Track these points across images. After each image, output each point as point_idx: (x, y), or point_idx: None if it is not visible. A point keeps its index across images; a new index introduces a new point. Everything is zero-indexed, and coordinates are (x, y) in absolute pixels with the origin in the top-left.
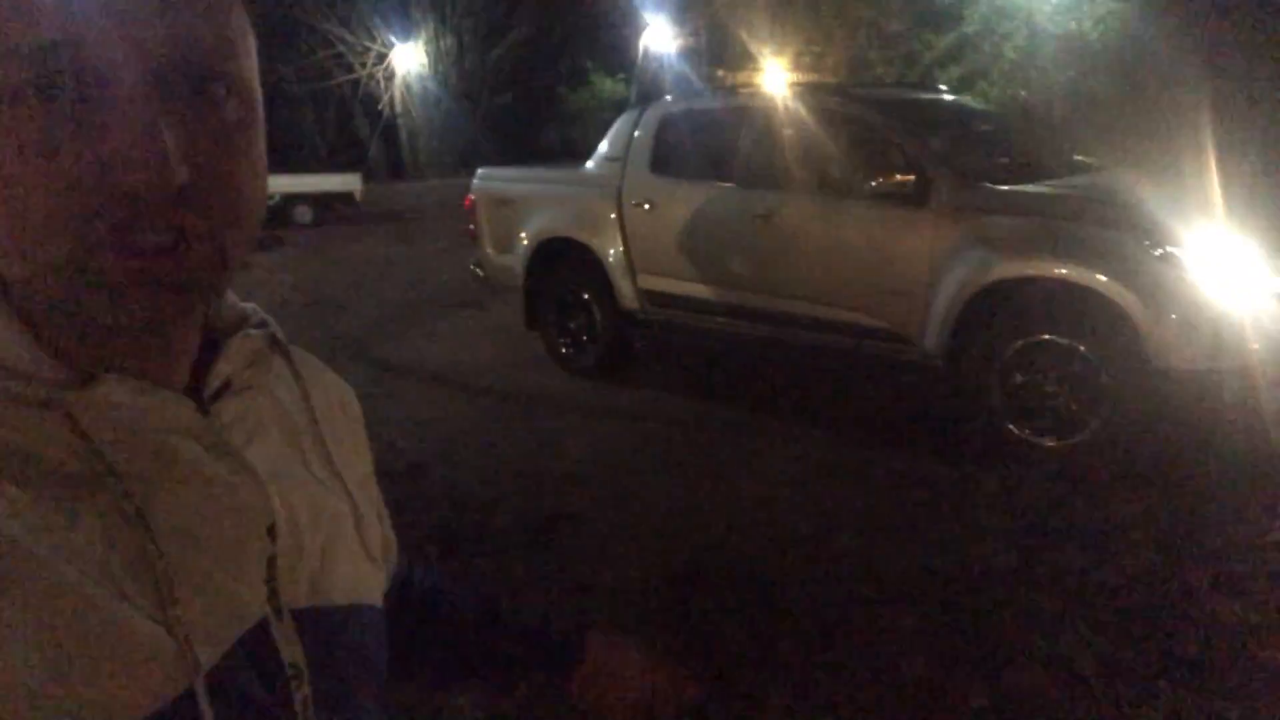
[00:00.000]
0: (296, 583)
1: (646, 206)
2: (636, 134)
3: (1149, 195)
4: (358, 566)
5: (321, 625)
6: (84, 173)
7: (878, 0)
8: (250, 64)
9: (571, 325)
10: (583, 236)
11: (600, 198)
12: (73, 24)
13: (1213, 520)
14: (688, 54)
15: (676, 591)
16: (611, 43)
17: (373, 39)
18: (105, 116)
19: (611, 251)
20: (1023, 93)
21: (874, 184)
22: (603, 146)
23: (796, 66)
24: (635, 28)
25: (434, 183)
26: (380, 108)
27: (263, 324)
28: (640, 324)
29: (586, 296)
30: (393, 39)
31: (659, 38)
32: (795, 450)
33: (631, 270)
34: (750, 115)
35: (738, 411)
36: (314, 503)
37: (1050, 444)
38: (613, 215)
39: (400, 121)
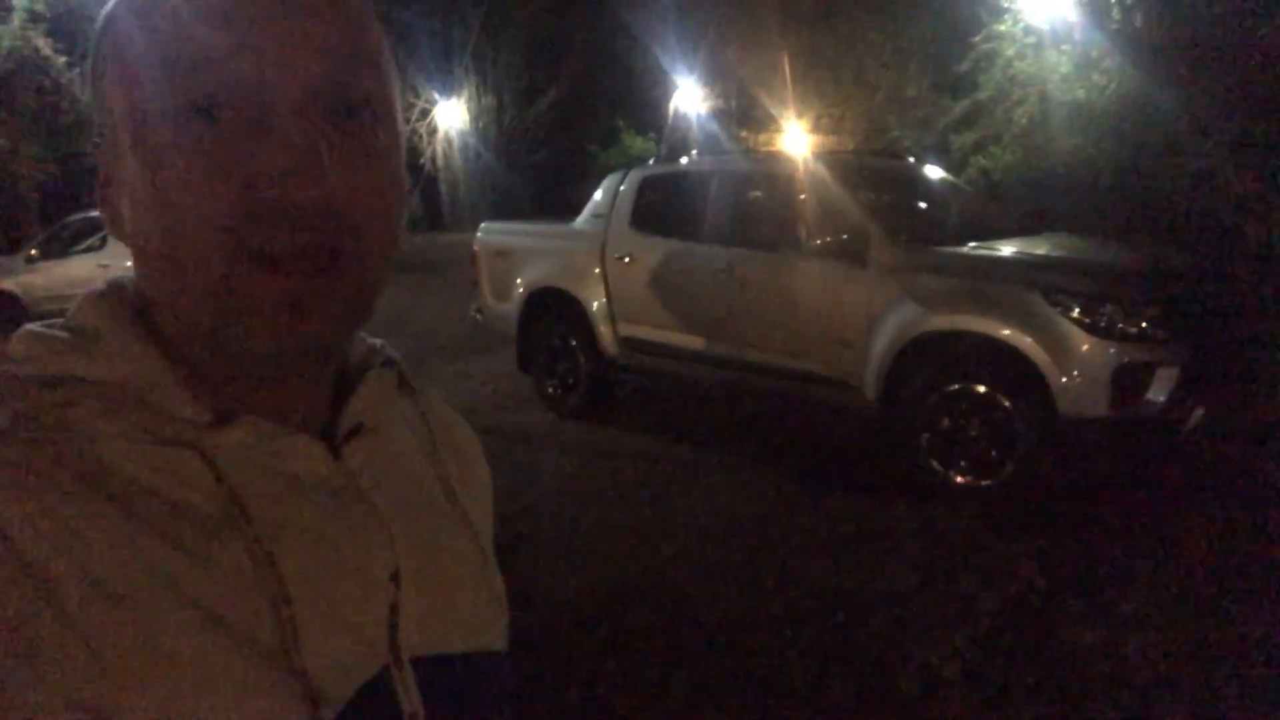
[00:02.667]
0: (418, 630)
1: (626, 260)
2: (620, 192)
3: (1074, 257)
4: (480, 610)
5: (440, 674)
6: (240, 189)
7: (896, 66)
8: (395, 94)
9: (559, 369)
10: (570, 287)
11: (586, 251)
12: (233, 42)
13: (1099, 559)
14: (716, 115)
15: (608, 606)
16: (643, 103)
17: (417, 96)
18: (263, 133)
19: (595, 301)
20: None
21: (819, 242)
22: (591, 204)
23: (817, 129)
24: (666, 89)
25: (470, 235)
26: (422, 162)
27: (390, 362)
28: (620, 368)
29: (573, 342)
30: (436, 96)
31: (689, 99)
32: (741, 486)
33: (612, 318)
34: (717, 178)
35: (696, 450)
36: (438, 546)
37: (970, 484)
38: (597, 268)
39: (441, 175)
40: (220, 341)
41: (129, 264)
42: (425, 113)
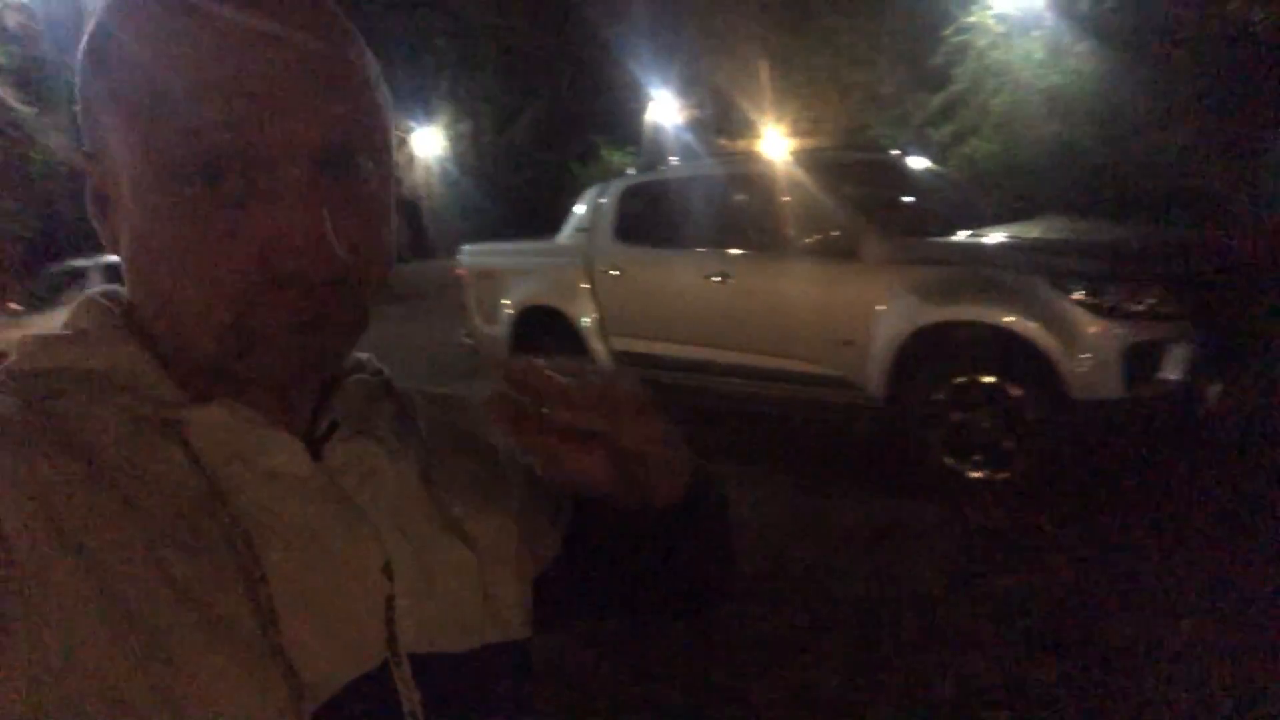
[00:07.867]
0: (415, 626)
1: (614, 273)
2: (602, 205)
3: (1073, 239)
4: (481, 611)
5: (442, 672)
6: (247, 255)
7: (871, 65)
8: (390, 129)
9: None
10: (559, 303)
11: (573, 266)
12: (239, 108)
13: (1128, 545)
14: (693, 125)
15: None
16: (620, 118)
17: (393, 125)
18: (269, 200)
19: (585, 317)
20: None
21: (809, 240)
22: (573, 219)
23: (795, 132)
24: (641, 102)
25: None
26: (402, 190)
27: (378, 372)
28: None
29: None
30: (412, 124)
31: (665, 111)
32: (752, 495)
33: (604, 333)
34: (699, 183)
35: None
36: (428, 548)
37: (987, 477)
38: (584, 283)
39: (423, 203)
40: (230, 369)
41: None
42: (401, 142)
